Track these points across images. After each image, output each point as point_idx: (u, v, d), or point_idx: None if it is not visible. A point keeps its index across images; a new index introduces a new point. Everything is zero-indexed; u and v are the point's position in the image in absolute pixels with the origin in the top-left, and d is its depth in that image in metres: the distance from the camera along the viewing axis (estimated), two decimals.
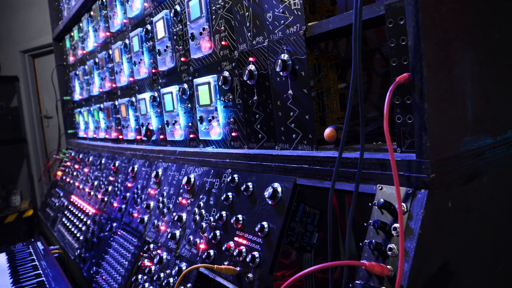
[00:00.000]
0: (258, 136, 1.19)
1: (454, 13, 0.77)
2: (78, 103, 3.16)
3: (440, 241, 0.74)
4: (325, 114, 1.15)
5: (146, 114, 1.85)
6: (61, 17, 3.30)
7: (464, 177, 0.79)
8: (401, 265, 0.68)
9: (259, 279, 1.00)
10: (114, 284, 1.64)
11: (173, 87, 1.59)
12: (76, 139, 3.32)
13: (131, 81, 2.01)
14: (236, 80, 1.24)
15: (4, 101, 5.98)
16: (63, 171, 3.26)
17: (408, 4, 0.72)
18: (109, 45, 2.26)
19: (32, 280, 1.78)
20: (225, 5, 1.24)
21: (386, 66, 1.15)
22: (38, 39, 5.46)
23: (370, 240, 0.76)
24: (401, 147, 0.80)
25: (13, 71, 5.94)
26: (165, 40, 1.56)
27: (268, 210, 1.06)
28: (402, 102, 0.78)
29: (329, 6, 1.12)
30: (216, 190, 1.29)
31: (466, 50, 0.80)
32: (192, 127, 1.53)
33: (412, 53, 0.72)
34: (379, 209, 0.78)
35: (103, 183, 2.27)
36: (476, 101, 0.81)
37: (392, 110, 0.79)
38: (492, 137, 0.86)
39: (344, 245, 1.06)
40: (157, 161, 1.73)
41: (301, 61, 1.00)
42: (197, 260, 1.24)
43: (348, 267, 0.78)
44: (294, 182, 1.02)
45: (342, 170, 0.88)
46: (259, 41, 1.13)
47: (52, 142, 5.68)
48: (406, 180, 0.76)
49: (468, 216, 0.80)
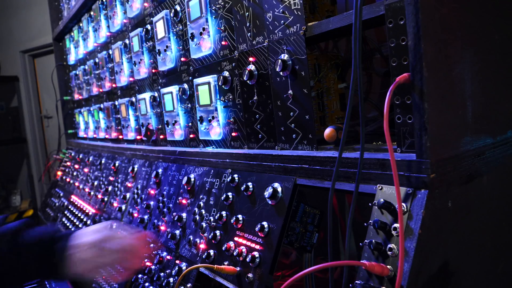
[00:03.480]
0: (258, 136, 1.19)
1: (454, 13, 0.77)
2: (78, 103, 3.16)
3: (440, 241, 0.74)
4: (325, 114, 1.15)
5: (146, 114, 1.85)
6: (61, 17, 3.30)
7: (464, 177, 0.79)
8: (401, 265, 0.68)
9: (259, 279, 1.00)
10: (114, 284, 1.64)
11: (173, 87, 1.59)
12: (76, 139, 3.32)
13: (131, 81, 2.01)
14: (236, 80, 1.24)
15: (4, 101, 5.98)
16: (63, 171, 3.26)
17: (408, 4, 0.72)
18: (109, 45, 2.26)
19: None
20: (225, 5, 1.24)
21: (386, 66, 1.15)
22: (38, 39, 5.46)
23: (370, 240, 0.76)
24: (401, 147, 0.80)
25: (13, 71, 5.94)
26: (165, 40, 1.56)
27: (268, 210, 1.06)
28: (402, 102, 0.78)
29: (329, 6, 1.12)
30: (216, 190, 1.29)
31: (466, 50, 0.80)
32: (192, 127, 1.53)
33: (412, 53, 0.72)
34: (379, 209, 0.78)
35: (103, 183, 2.27)
36: (476, 101, 0.81)
37: (392, 110, 0.79)
38: (492, 137, 0.86)
39: (344, 245, 1.06)
40: (157, 161, 1.73)
41: (301, 61, 1.00)
42: (197, 260, 1.24)
43: (348, 267, 0.78)
44: (294, 182, 1.02)
45: (342, 170, 0.88)
46: (259, 41, 1.13)
47: (52, 142, 5.68)
48: (406, 180, 0.76)
49: (468, 216, 0.80)
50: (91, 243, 1.03)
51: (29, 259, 1.00)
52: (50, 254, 1.01)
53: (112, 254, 1.04)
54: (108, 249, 1.03)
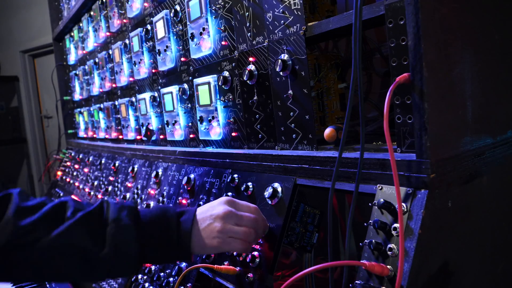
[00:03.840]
0: (258, 136, 1.19)
1: (454, 13, 0.77)
2: (78, 103, 3.16)
3: (440, 241, 0.74)
4: (325, 114, 1.15)
5: (146, 114, 1.85)
6: (61, 17, 3.30)
7: (464, 177, 0.79)
8: (401, 265, 0.68)
9: (259, 279, 1.00)
10: (114, 284, 1.64)
11: (173, 87, 1.59)
12: (76, 139, 3.32)
13: (131, 81, 2.01)
14: (236, 80, 1.24)
15: (4, 101, 5.98)
16: (63, 171, 3.26)
17: (408, 4, 0.72)
18: (109, 45, 2.26)
19: None
20: (225, 5, 1.24)
21: (386, 66, 1.15)
22: (38, 39, 5.46)
23: (370, 240, 0.76)
24: (401, 147, 0.80)
25: (13, 71, 5.94)
26: (165, 40, 1.56)
27: (268, 210, 1.06)
28: (402, 102, 0.78)
29: (329, 6, 1.12)
30: (216, 190, 1.29)
31: (466, 50, 0.80)
32: (192, 127, 1.53)
33: (412, 53, 0.72)
34: (379, 209, 0.78)
35: (103, 183, 2.27)
36: (476, 101, 0.81)
37: (392, 110, 0.79)
38: (492, 137, 0.86)
39: (344, 245, 1.06)
40: (157, 161, 1.73)
41: (301, 61, 1.00)
42: (197, 260, 1.24)
43: (348, 267, 0.78)
44: (294, 182, 1.02)
45: (342, 170, 0.88)
46: (259, 41, 1.13)
47: (52, 142, 5.68)
48: (406, 180, 0.76)
49: (468, 216, 0.80)
50: (218, 216, 0.95)
51: (151, 237, 0.91)
52: (175, 230, 0.93)
53: (241, 225, 0.96)
54: (235, 221, 0.96)
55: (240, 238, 0.95)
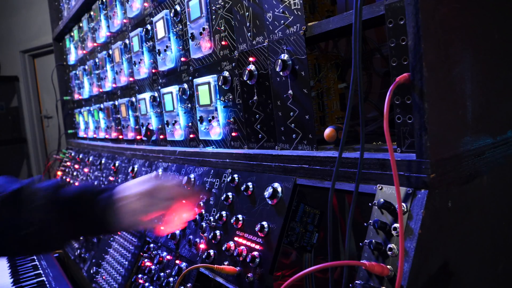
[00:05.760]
0: (258, 136, 1.19)
1: (454, 13, 0.77)
2: (78, 103, 3.16)
3: (440, 241, 0.74)
4: (325, 114, 1.15)
5: (146, 114, 1.85)
6: (61, 17, 3.30)
7: (464, 177, 0.79)
8: (401, 265, 0.68)
9: (259, 279, 1.00)
10: (114, 284, 1.64)
11: (173, 87, 1.59)
12: (76, 139, 3.32)
13: (131, 81, 2.01)
14: (236, 80, 1.24)
15: (4, 101, 5.99)
16: (63, 171, 3.26)
17: (408, 4, 0.72)
18: (109, 45, 2.26)
19: (32, 280, 1.78)
20: (225, 5, 1.24)
21: (386, 66, 1.15)
22: (38, 39, 5.46)
23: (370, 240, 0.76)
24: (401, 147, 0.80)
25: (13, 71, 5.94)
26: (165, 40, 1.56)
27: (268, 210, 1.06)
28: (402, 102, 0.78)
29: (329, 6, 1.12)
30: (216, 190, 1.29)
31: (466, 50, 0.80)
32: (192, 127, 1.53)
33: (412, 53, 0.72)
34: (379, 209, 0.78)
35: (103, 183, 2.27)
36: (476, 101, 0.81)
37: (392, 110, 0.79)
38: (492, 137, 0.86)
39: (344, 245, 1.06)
40: (157, 161, 1.73)
41: (301, 61, 1.00)
42: (197, 260, 1.24)
43: (348, 267, 0.78)
44: (294, 182, 1.02)
45: (342, 170, 0.88)
46: (259, 41, 1.13)
47: (52, 142, 5.69)
48: (406, 180, 0.76)
49: (468, 216, 0.80)
50: (141, 193, 0.98)
51: (71, 214, 0.95)
52: (93, 207, 0.96)
53: (164, 202, 0.99)
54: (161, 197, 0.99)
55: (167, 213, 1.00)
